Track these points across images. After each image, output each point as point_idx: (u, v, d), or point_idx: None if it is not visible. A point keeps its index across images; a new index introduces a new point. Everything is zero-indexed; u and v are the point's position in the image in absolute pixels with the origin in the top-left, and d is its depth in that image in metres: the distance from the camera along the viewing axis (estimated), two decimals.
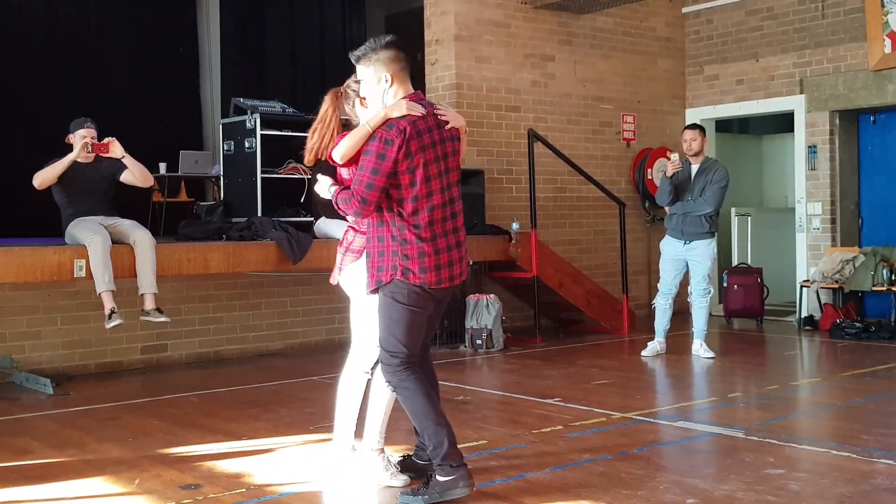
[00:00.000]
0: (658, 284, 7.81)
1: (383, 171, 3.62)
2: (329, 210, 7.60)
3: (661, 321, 7.69)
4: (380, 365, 3.87)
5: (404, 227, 3.69)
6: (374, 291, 3.77)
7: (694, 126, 7.74)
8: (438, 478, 3.70)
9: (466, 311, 8.15)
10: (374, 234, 3.77)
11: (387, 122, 3.68)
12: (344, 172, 3.92)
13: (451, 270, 3.78)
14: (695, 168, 7.51)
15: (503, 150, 9.34)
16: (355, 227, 4.05)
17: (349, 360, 4.15)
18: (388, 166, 3.62)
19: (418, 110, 3.71)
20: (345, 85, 4.12)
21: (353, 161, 3.79)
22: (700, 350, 7.51)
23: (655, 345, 7.64)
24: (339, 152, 3.79)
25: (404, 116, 3.68)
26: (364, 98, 3.89)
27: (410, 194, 3.67)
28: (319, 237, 7.55)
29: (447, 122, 3.79)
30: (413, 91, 3.82)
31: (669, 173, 7.43)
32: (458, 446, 3.80)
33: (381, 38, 3.83)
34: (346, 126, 4.07)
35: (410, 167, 3.66)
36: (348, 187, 3.76)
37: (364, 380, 4.14)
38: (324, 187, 3.91)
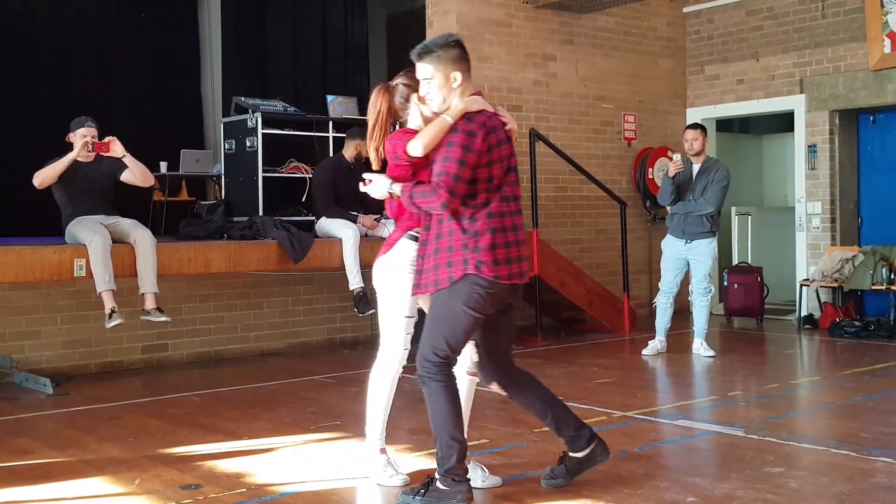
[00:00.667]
0: (659, 283, 7.82)
1: (469, 162, 3.62)
2: (331, 209, 7.64)
3: (662, 320, 7.70)
4: (418, 358, 3.80)
5: (477, 220, 3.67)
6: (443, 288, 3.69)
7: (695, 126, 7.74)
8: (439, 486, 3.69)
9: None
10: (445, 229, 3.71)
11: (466, 116, 3.69)
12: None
13: (520, 266, 3.75)
14: (696, 168, 7.52)
15: None
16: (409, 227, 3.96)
17: (379, 358, 4.12)
18: (473, 158, 3.62)
19: (490, 108, 3.78)
20: (394, 82, 4.12)
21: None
22: (700, 349, 7.52)
23: (656, 343, 7.65)
24: (420, 146, 3.70)
25: (481, 111, 3.72)
26: (424, 95, 3.85)
27: (485, 187, 3.67)
28: (321, 236, 7.56)
29: (505, 124, 3.83)
30: (474, 91, 3.87)
31: (671, 173, 7.44)
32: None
33: (448, 37, 3.87)
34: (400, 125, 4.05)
35: (490, 160, 3.68)
36: (420, 182, 3.73)
37: (396, 377, 4.12)
38: (383, 186, 3.81)
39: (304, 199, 8.17)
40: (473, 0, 9.13)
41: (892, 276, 8.93)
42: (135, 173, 6.53)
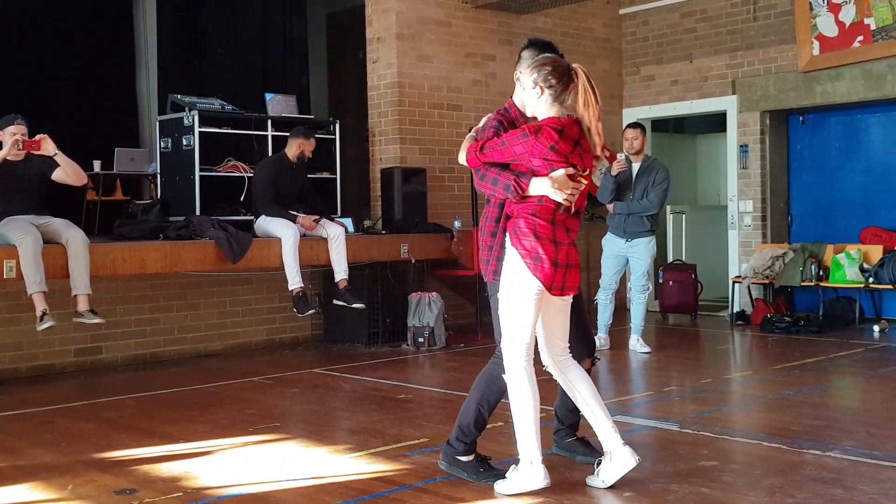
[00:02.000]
0: (599, 281, 7.91)
1: None
2: (270, 208, 7.58)
3: (603, 316, 7.83)
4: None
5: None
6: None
7: (636, 125, 7.86)
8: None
9: (408, 310, 8.16)
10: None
11: None
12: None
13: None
14: (636, 167, 7.63)
15: (445, 148, 9.36)
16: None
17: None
18: None
19: None
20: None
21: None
22: (637, 345, 7.65)
23: (598, 340, 7.75)
24: None
25: None
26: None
27: None
28: (260, 236, 7.50)
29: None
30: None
31: (614, 172, 7.52)
32: (403, 443, 3.81)
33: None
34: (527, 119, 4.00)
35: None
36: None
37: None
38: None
39: (242, 199, 8.09)
40: None
41: (821, 273, 9.17)
42: (67, 172, 6.39)
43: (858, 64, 9.18)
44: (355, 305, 7.54)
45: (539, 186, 3.75)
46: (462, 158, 4.01)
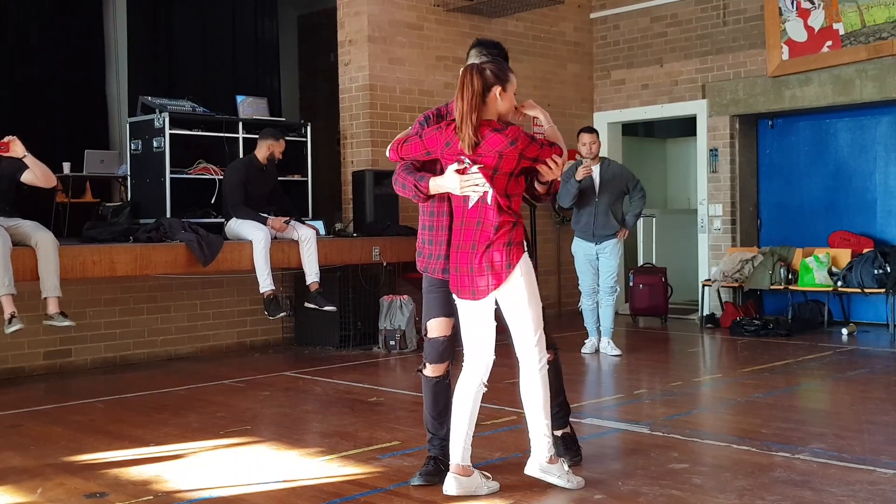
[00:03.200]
0: (580, 287, 7.93)
1: None
2: (240, 210, 7.55)
3: (591, 320, 7.86)
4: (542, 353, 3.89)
5: None
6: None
7: (591, 129, 7.90)
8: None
9: (380, 313, 8.16)
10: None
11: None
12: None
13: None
14: (595, 170, 7.65)
15: None
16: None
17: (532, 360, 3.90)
18: None
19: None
20: (482, 64, 3.99)
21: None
22: (607, 347, 7.71)
23: (591, 343, 7.85)
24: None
25: None
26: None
27: None
28: (231, 238, 7.46)
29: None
30: None
31: (580, 177, 7.53)
32: (375, 446, 3.80)
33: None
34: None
35: None
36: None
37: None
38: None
39: (213, 201, 8.06)
40: (385, 1, 9.14)
41: (790, 276, 9.27)
42: (36, 174, 6.32)
43: (827, 69, 9.29)
44: (326, 308, 7.52)
45: (436, 185, 3.82)
46: (387, 153, 4.03)
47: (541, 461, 3.92)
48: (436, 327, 4.10)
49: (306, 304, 7.63)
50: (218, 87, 10.34)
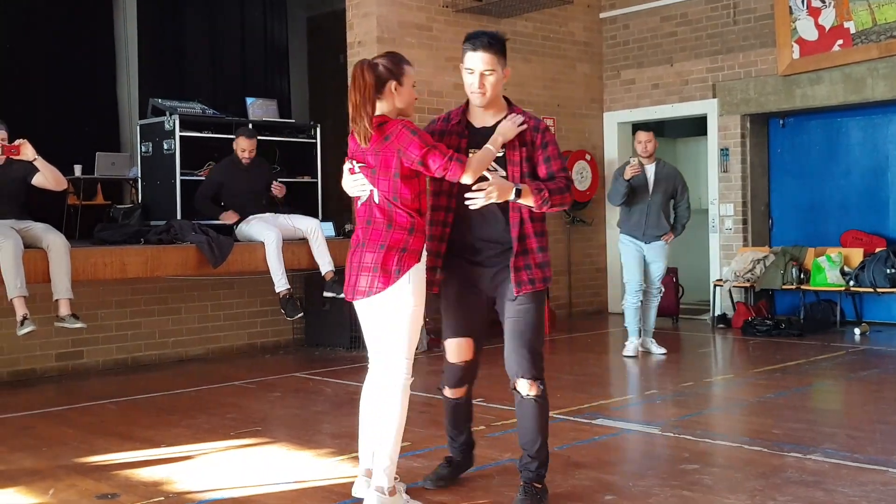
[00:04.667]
0: (626, 284, 7.84)
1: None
2: (199, 201, 7.56)
3: (634, 320, 7.72)
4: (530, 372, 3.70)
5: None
6: (540, 290, 3.71)
7: (648, 127, 7.79)
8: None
9: None
10: (537, 230, 3.72)
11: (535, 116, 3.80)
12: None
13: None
14: (650, 169, 7.58)
15: None
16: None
17: (398, 374, 3.67)
18: None
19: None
20: (375, 60, 3.73)
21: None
22: (652, 346, 7.72)
23: (634, 344, 7.70)
24: (470, 176, 3.53)
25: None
26: (475, 87, 3.77)
27: None
28: (241, 240, 7.48)
29: None
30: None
31: (628, 176, 7.43)
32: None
33: (503, 34, 3.83)
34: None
35: None
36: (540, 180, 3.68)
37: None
38: (508, 191, 3.57)
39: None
40: (394, 3, 9.14)
41: (802, 276, 9.23)
42: (46, 177, 6.34)
43: (838, 67, 9.25)
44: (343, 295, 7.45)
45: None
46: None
47: (379, 488, 3.54)
48: (452, 350, 3.93)
49: (325, 294, 7.57)
50: (228, 89, 10.37)
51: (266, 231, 7.34)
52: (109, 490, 4.06)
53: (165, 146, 8.05)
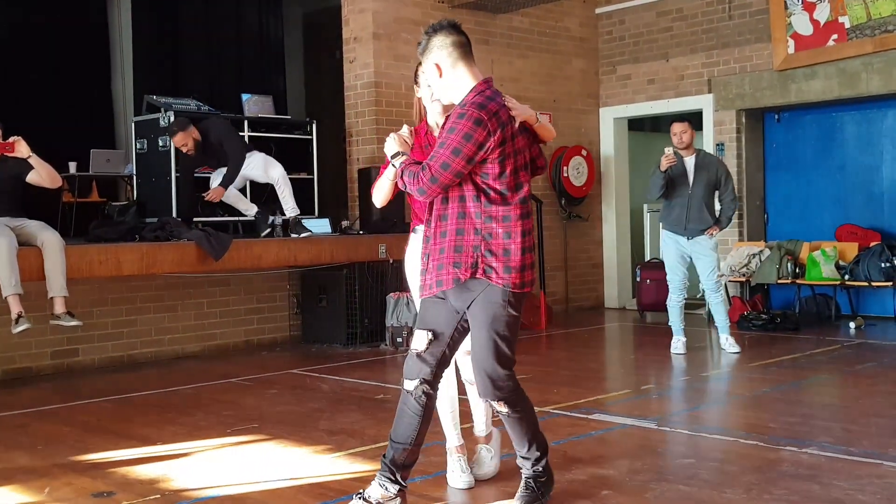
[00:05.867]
0: (668, 282, 7.61)
1: (467, 154, 3.26)
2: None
3: (677, 318, 7.55)
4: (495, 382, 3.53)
5: (491, 220, 3.35)
6: (447, 289, 3.38)
7: (682, 118, 7.59)
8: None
9: (387, 310, 8.16)
10: (451, 227, 3.39)
11: (478, 101, 3.34)
12: None
13: (532, 273, 3.45)
14: (689, 161, 7.40)
15: None
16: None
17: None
18: (473, 150, 3.26)
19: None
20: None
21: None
22: (726, 344, 7.49)
23: (682, 341, 7.54)
24: (377, 199, 3.61)
25: (484, 106, 3.32)
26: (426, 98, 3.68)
27: (499, 185, 3.34)
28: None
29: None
30: (482, 78, 3.49)
31: (663, 167, 7.27)
32: (382, 443, 3.79)
33: (431, 26, 3.56)
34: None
35: (502, 155, 3.32)
36: (417, 162, 3.43)
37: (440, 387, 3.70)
38: (391, 148, 3.54)
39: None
40: None
41: (798, 271, 9.24)
42: (41, 174, 6.33)
43: (833, 62, 9.26)
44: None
45: None
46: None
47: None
48: None
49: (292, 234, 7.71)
50: (223, 85, 10.34)
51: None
52: (105, 488, 4.05)
53: (160, 143, 8.03)
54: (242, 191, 8.08)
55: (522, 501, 3.62)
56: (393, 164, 3.53)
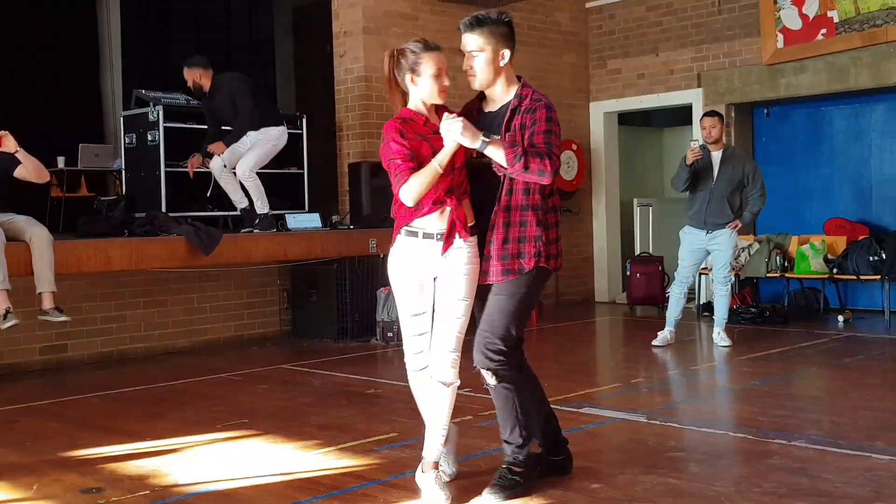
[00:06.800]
0: (675, 273, 7.70)
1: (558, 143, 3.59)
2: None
3: (675, 311, 7.57)
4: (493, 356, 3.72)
5: (548, 212, 3.66)
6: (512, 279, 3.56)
7: (713, 113, 7.58)
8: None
9: (378, 304, 8.15)
10: (516, 218, 3.57)
11: (546, 100, 3.69)
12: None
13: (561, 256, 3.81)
14: (716, 155, 7.40)
15: None
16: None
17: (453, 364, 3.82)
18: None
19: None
20: (403, 46, 3.70)
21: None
22: (718, 338, 7.51)
23: (666, 334, 7.56)
24: (412, 194, 3.46)
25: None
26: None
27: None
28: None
29: None
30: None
31: (689, 161, 7.28)
32: (372, 438, 3.79)
33: (501, 14, 3.71)
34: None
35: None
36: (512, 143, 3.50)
37: (423, 384, 3.96)
38: (475, 139, 3.43)
39: (208, 194, 8.04)
40: None
41: (786, 264, 9.28)
42: (28, 169, 6.29)
43: (822, 56, 9.28)
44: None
45: None
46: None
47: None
48: None
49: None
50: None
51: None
52: (95, 484, 4.04)
53: (149, 137, 8.00)
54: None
55: (492, 492, 3.62)
56: (484, 141, 3.43)
